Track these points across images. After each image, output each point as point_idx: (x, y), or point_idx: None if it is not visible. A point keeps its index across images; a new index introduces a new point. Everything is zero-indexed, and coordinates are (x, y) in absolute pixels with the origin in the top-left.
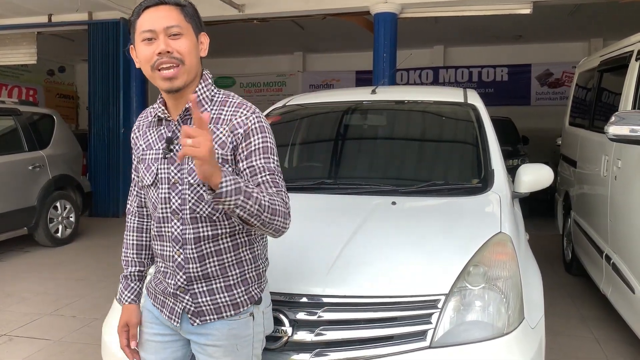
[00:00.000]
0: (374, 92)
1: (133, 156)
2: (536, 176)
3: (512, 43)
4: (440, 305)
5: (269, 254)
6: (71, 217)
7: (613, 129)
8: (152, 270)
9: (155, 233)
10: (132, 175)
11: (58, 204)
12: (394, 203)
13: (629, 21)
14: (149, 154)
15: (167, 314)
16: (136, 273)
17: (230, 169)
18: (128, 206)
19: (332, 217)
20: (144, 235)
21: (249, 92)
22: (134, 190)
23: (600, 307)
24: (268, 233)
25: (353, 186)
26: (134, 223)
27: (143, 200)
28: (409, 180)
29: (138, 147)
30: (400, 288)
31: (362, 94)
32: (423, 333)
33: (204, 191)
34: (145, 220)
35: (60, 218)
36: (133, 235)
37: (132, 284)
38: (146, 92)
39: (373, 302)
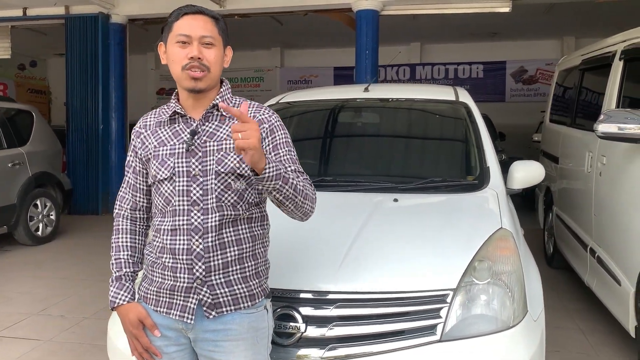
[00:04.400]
0: (366, 90)
1: (131, 157)
2: (528, 173)
3: (487, 40)
4: (449, 299)
5: (279, 252)
6: (52, 215)
7: (602, 127)
8: (140, 274)
9: (168, 227)
10: (127, 177)
11: (38, 202)
12: (395, 200)
13: (601, 20)
14: (162, 150)
15: (178, 313)
16: (130, 274)
17: None
18: (117, 210)
19: (336, 215)
20: (137, 237)
21: None
22: (128, 192)
23: (583, 299)
24: (297, 216)
25: (352, 184)
26: (125, 226)
27: (139, 202)
28: (407, 178)
29: (146, 146)
30: (410, 284)
31: (355, 92)
32: (433, 327)
33: (248, 173)
34: (138, 223)
35: (40, 216)
36: (126, 237)
37: (127, 284)
38: (125, 87)
39: (384, 298)
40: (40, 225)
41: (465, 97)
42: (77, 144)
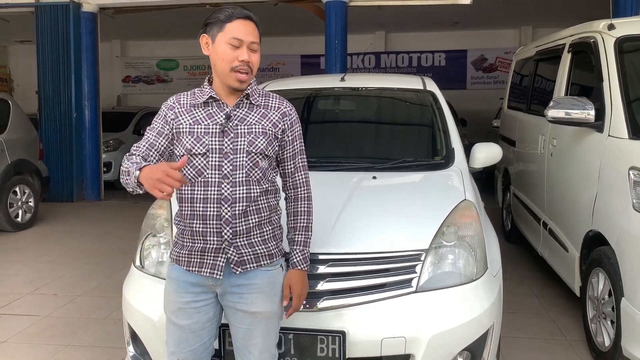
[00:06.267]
0: (342, 79)
1: (158, 122)
2: (488, 153)
3: (449, 29)
4: (422, 258)
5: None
6: (30, 201)
7: (551, 112)
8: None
9: (200, 196)
10: (147, 135)
11: (17, 189)
12: (374, 177)
13: (556, 10)
14: (198, 128)
15: (208, 270)
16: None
17: (276, 144)
18: (128, 154)
19: (324, 190)
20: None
21: (192, 75)
22: (144, 145)
23: (535, 269)
24: None
25: (335, 164)
26: (137, 159)
27: (150, 157)
28: (383, 159)
29: (179, 120)
30: (390, 245)
31: (332, 82)
32: (410, 281)
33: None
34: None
35: (20, 203)
36: (138, 158)
37: (140, 160)
38: (97, 76)
39: (369, 257)
40: (20, 212)
41: (431, 86)
42: (51, 133)
